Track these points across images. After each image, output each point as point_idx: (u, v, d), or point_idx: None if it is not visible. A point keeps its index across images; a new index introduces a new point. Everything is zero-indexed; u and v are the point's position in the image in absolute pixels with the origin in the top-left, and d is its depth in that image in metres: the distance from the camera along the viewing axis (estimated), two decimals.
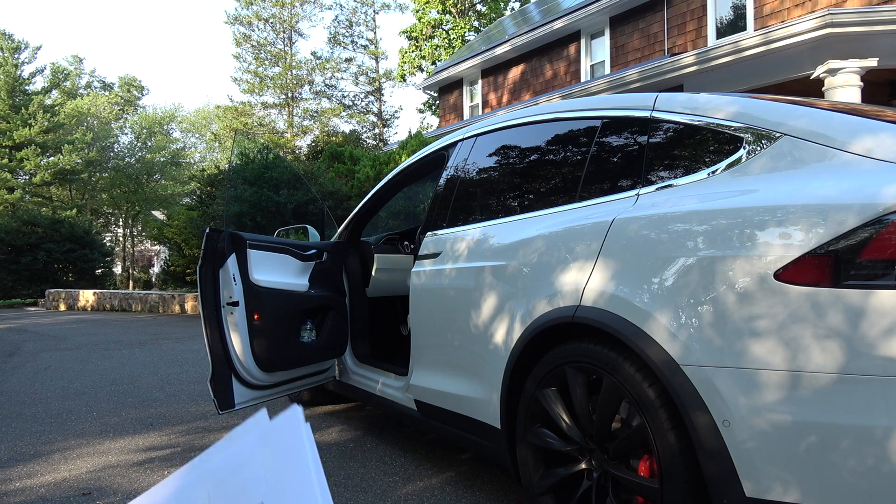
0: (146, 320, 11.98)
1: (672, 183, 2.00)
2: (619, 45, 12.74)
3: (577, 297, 2.02)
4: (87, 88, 36.29)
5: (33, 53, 29.76)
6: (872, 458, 1.38)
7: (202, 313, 3.16)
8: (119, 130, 34.51)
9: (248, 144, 15.78)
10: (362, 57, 33.02)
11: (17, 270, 19.06)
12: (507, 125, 2.85)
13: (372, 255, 3.89)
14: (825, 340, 1.45)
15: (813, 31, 7.84)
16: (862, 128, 1.70)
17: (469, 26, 29.57)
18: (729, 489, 1.57)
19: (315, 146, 23.56)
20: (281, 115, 31.72)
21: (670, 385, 1.69)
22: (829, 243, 1.47)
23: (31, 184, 28.19)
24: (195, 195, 15.74)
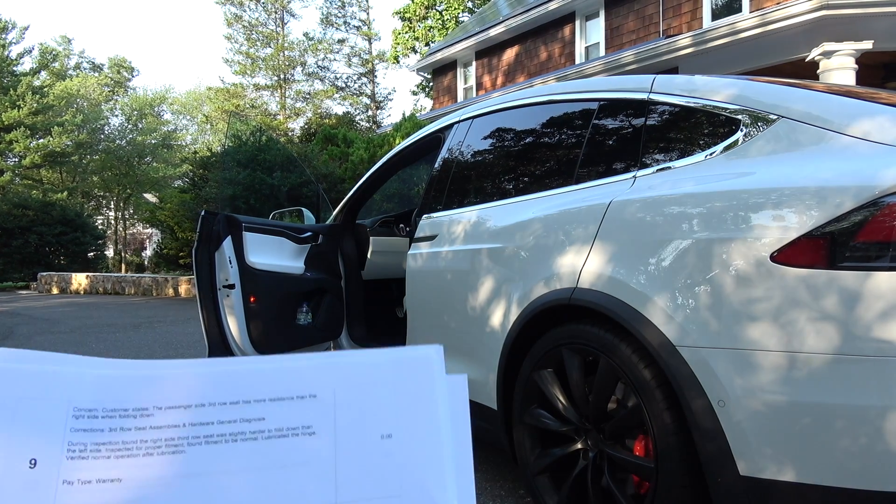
0: (140, 303, 11.96)
1: (669, 165, 2.00)
2: (614, 27, 12.67)
3: (574, 279, 2.03)
4: (77, 69, 35.80)
5: (21, 34, 29.37)
6: (866, 437, 1.41)
7: (198, 296, 3.16)
8: (109, 112, 34.18)
9: (241, 126, 15.66)
10: (355, 38, 32.80)
11: (9, 254, 18.95)
12: (503, 107, 2.84)
13: (368, 237, 3.89)
14: (820, 322, 1.47)
15: (808, 13, 7.81)
16: (859, 110, 1.71)
17: (463, 7, 29.32)
18: (723, 468, 1.60)
19: (308, 128, 23.44)
20: (273, 97, 31.48)
21: (666, 366, 1.71)
22: (826, 225, 1.48)
23: (21, 166, 27.95)
24: (187, 178, 15.64)
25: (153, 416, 0.47)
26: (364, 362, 0.53)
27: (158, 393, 0.48)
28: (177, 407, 0.48)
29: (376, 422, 0.50)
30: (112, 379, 0.48)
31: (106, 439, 0.46)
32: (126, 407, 0.47)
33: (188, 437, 0.47)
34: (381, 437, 0.50)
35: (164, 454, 0.46)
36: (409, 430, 0.51)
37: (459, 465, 0.51)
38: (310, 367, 0.52)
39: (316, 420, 0.50)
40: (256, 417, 0.49)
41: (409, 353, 0.54)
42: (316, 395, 0.50)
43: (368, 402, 0.51)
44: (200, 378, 0.50)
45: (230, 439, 0.48)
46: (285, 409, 0.50)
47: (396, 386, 0.52)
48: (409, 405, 0.51)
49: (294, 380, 0.51)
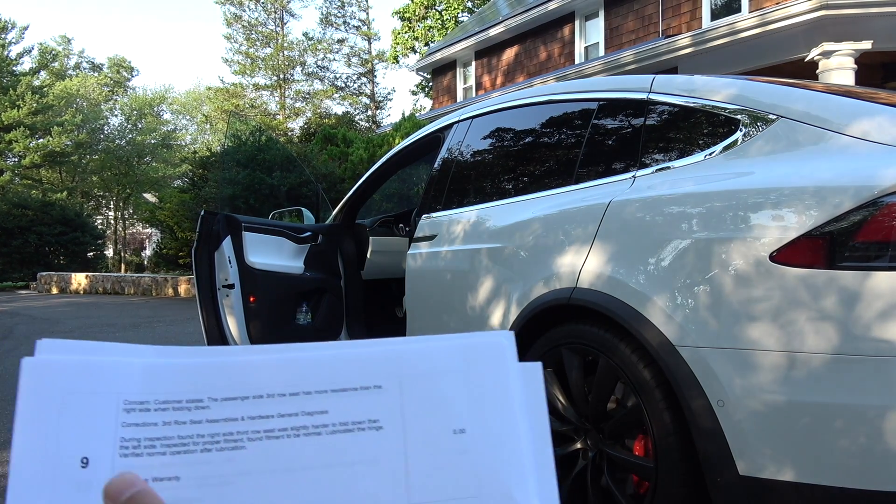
0: (139, 303, 11.96)
1: (668, 165, 2.01)
2: (614, 27, 12.67)
3: (574, 278, 2.04)
4: (76, 69, 35.78)
5: (20, 34, 29.35)
6: (865, 437, 1.41)
7: (197, 296, 3.16)
8: (109, 112, 34.16)
9: (241, 126, 15.66)
10: (355, 38, 32.72)
11: (8, 254, 18.94)
12: (503, 107, 2.84)
13: (367, 237, 3.89)
14: (820, 322, 1.47)
15: (808, 13, 7.81)
16: (858, 110, 1.71)
17: (462, 7, 29.32)
18: (723, 468, 1.60)
19: (308, 128, 23.44)
20: (273, 97, 31.46)
21: (666, 366, 1.71)
22: (825, 225, 1.49)
23: (21, 166, 27.93)
24: (187, 178, 15.65)
25: (209, 408, 0.44)
26: (431, 349, 0.49)
27: (213, 383, 0.45)
28: (234, 398, 0.45)
29: (447, 415, 0.47)
30: (163, 368, 0.45)
31: (160, 434, 0.43)
32: (179, 399, 0.44)
33: (248, 431, 0.44)
34: (453, 432, 0.46)
35: (224, 450, 0.43)
36: (483, 423, 0.47)
37: (538, 460, 0.47)
38: (373, 355, 0.48)
39: (382, 413, 0.46)
40: (319, 410, 0.45)
41: (479, 340, 0.50)
42: (381, 386, 0.47)
43: (437, 393, 0.47)
44: (257, 366, 0.46)
45: (292, 434, 0.44)
46: (349, 401, 0.46)
47: (467, 375, 0.48)
48: (482, 396, 0.47)
49: (356, 369, 0.47)
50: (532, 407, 0.48)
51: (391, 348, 0.48)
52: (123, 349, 0.46)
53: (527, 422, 0.47)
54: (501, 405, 0.47)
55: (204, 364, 0.46)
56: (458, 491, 0.45)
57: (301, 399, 0.45)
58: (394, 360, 0.48)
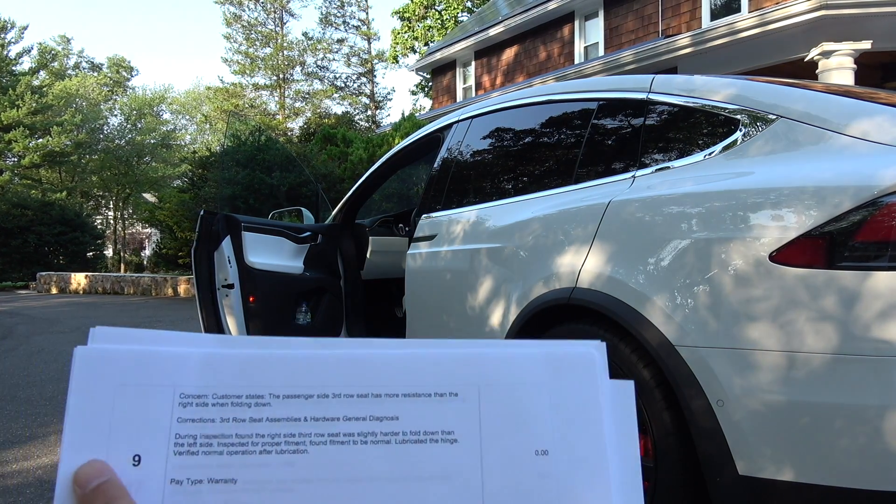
0: (139, 303, 11.96)
1: (668, 165, 2.01)
2: (614, 27, 12.67)
3: (573, 278, 2.04)
4: (76, 69, 35.75)
5: (20, 33, 29.36)
6: (865, 437, 1.41)
7: (197, 296, 3.16)
8: (108, 112, 34.13)
9: (240, 126, 15.65)
10: (354, 38, 32.74)
11: (8, 253, 18.94)
12: (502, 107, 2.84)
13: (367, 237, 3.88)
14: (819, 321, 1.47)
15: (807, 13, 7.81)
16: (857, 110, 1.71)
17: (462, 7, 29.31)
18: (722, 468, 1.60)
19: (307, 128, 23.43)
20: (272, 97, 31.46)
21: (665, 366, 1.71)
22: (825, 225, 1.48)
23: (20, 166, 27.92)
24: (186, 178, 15.64)
25: (270, 405, 0.41)
26: (513, 356, 0.45)
27: (276, 377, 0.42)
28: (297, 396, 0.42)
29: (529, 433, 0.43)
30: (223, 359, 0.42)
31: (217, 431, 0.40)
32: (239, 394, 0.41)
33: (311, 433, 0.41)
34: (535, 453, 0.42)
35: (284, 452, 0.40)
36: (568, 445, 0.43)
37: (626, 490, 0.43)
38: (450, 358, 0.44)
39: (458, 424, 0.42)
40: (389, 416, 0.42)
41: (568, 350, 0.45)
42: (458, 394, 0.43)
43: (520, 407, 0.43)
44: (324, 361, 0.43)
45: (359, 440, 0.41)
46: (422, 407, 0.42)
47: (553, 389, 0.44)
48: (568, 415, 0.43)
49: (432, 372, 0.43)
50: (622, 430, 0.44)
51: (471, 351, 0.45)
52: (181, 338, 0.43)
53: (616, 447, 0.43)
54: (590, 426, 0.43)
55: (267, 356, 0.43)
56: None
57: (370, 402, 0.42)
58: (473, 365, 0.44)
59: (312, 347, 0.43)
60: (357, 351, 0.44)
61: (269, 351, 0.43)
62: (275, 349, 0.43)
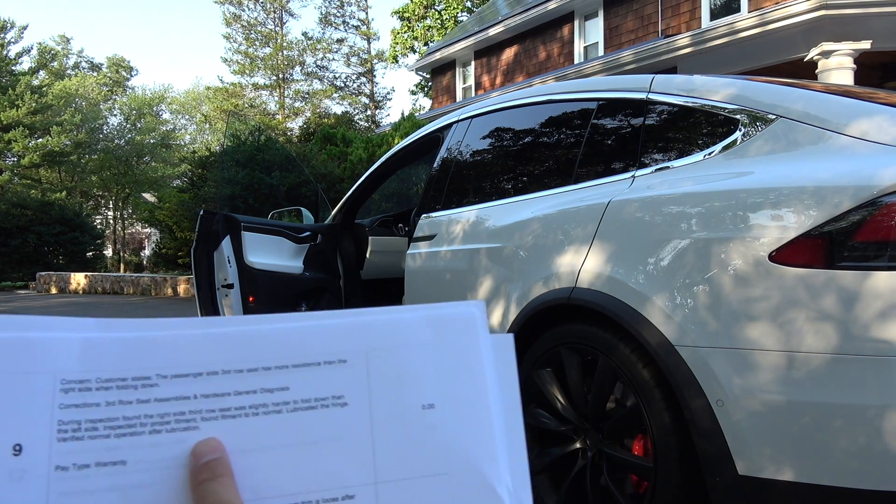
0: (139, 303, 11.96)
1: (668, 165, 2.01)
2: (613, 27, 12.67)
3: (573, 278, 2.04)
4: (75, 69, 35.73)
5: (19, 33, 29.32)
6: (864, 437, 1.41)
7: (197, 296, 3.16)
8: (108, 112, 34.11)
9: (240, 126, 15.65)
10: (354, 37, 32.72)
11: (7, 253, 18.92)
12: (502, 107, 2.84)
13: (366, 237, 3.89)
14: (819, 321, 1.47)
15: (807, 13, 7.82)
16: (857, 110, 1.71)
17: (462, 7, 29.31)
18: (722, 468, 1.60)
19: (307, 128, 23.43)
20: (272, 97, 31.45)
21: (665, 366, 1.71)
22: (824, 225, 1.49)
23: (20, 166, 27.90)
24: (186, 177, 15.63)
25: (158, 386, 0.41)
26: (398, 321, 0.46)
27: (162, 358, 0.42)
28: (185, 375, 0.42)
29: (415, 390, 0.45)
30: (105, 343, 0.42)
31: (103, 415, 0.40)
32: (124, 376, 0.41)
33: (201, 410, 0.42)
34: (421, 408, 0.45)
35: (175, 431, 0.41)
36: (453, 398, 0.45)
37: (510, 436, 0.46)
38: (337, 327, 0.45)
39: (347, 389, 0.44)
40: (279, 387, 0.43)
41: (449, 311, 0.47)
42: (346, 361, 0.44)
43: (405, 367, 0.45)
44: (211, 340, 0.43)
45: (250, 412, 0.42)
46: (312, 376, 0.44)
47: (437, 348, 0.46)
48: (451, 370, 0.46)
49: (320, 342, 0.45)
50: (504, 381, 0.47)
51: (357, 319, 0.46)
52: (61, 323, 0.42)
53: (498, 396, 0.46)
54: (472, 379, 0.46)
55: (152, 338, 0.43)
56: (427, 468, 0.43)
57: (260, 375, 0.43)
58: (360, 332, 0.45)
59: (200, 327, 0.44)
60: (245, 327, 0.44)
61: (155, 333, 0.43)
62: (160, 331, 0.43)
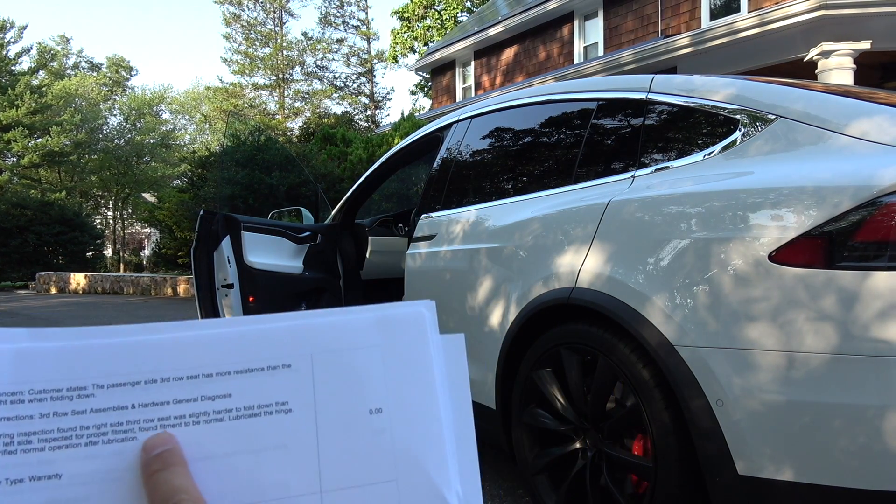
0: (138, 303, 11.95)
1: (668, 165, 2.01)
2: (613, 27, 12.67)
3: (573, 278, 2.04)
4: (75, 69, 35.72)
5: (19, 33, 29.32)
6: (864, 437, 1.41)
7: (196, 295, 3.16)
8: (108, 112, 34.10)
9: (240, 126, 15.65)
10: (354, 37, 32.72)
11: (7, 253, 18.92)
12: (502, 107, 2.84)
13: (366, 237, 3.89)
14: (818, 321, 1.47)
15: (806, 13, 7.82)
16: (857, 110, 1.71)
17: (461, 7, 29.31)
18: (722, 468, 1.60)
19: (307, 128, 23.42)
20: (272, 97, 31.44)
21: (665, 366, 1.71)
22: (824, 225, 1.49)
23: (19, 166, 27.89)
24: (186, 177, 15.63)
25: (94, 396, 0.40)
26: (344, 323, 0.45)
27: (98, 367, 0.41)
28: (122, 384, 0.40)
29: (362, 394, 0.43)
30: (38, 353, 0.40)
31: (37, 428, 0.39)
32: (59, 387, 0.40)
33: (139, 420, 0.40)
34: (369, 412, 0.43)
35: (112, 442, 0.40)
36: (401, 402, 0.44)
37: (461, 440, 0.44)
38: (281, 331, 0.44)
39: (292, 394, 0.43)
40: (220, 394, 0.42)
41: (397, 311, 0.46)
42: (290, 365, 0.43)
43: (352, 370, 0.44)
44: (149, 347, 0.42)
45: (190, 422, 0.41)
46: (255, 382, 0.42)
47: (385, 350, 0.45)
48: (400, 373, 0.44)
49: (263, 347, 0.43)
50: (454, 383, 0.46)
51: (302, 322, 0.45)
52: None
53: (448, 399, 0.45)
54: (421, 381, 0.44)
55: (87, 346, 0.41)
56: (374, 475, 0.42)
57: (200, 382, 0.42)
58: (304, 335, 0.44)
59: (138, 334, 0.42)
60: (185, 333, 0.43)
61: (90, 341, 0.42)
62: (96, 339, 0.42)
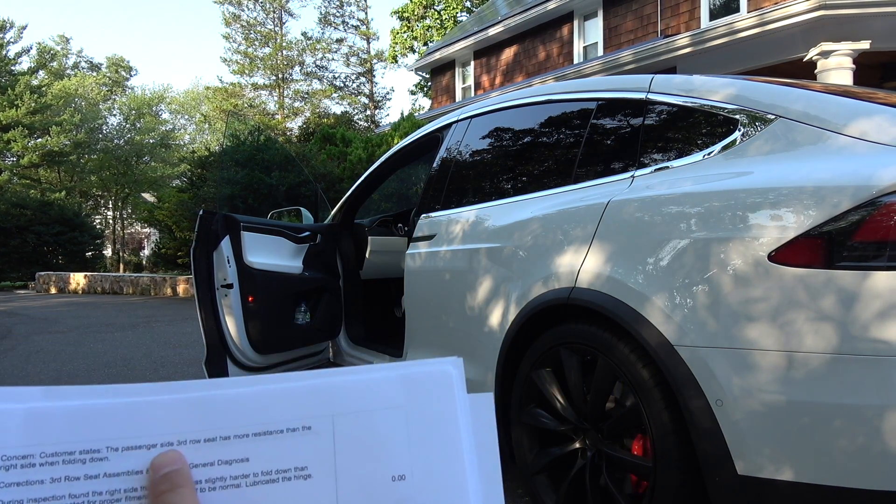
0: (138, 303, 11.95)
1: (667, 165, 2.01)
2: (613, 27, 12.67)
3: (573, 278, 2.04)
4: (74, 69, 35.71)
5: (19, 33, 29.31)
6: (864, 436, 1.41)
7: (196, 295, 3.16)
8: (107, 112, 34.08)
9: (239, 126, 15.65)
10: (353, 37, 32.73)
11: (7, 253, 18.91)
12: (502, 107, 2.84)
13: (366, 237, 3.88)
14: (818, 321, 1.47)
15: (806, 13, 7.82)
16: (856, 110, 1.71)
17: (461, 7, 29.31)
18: (721, 467, 1.60)
19: (306, 128, 23.43)
20: (271, 97, 31.45)
21: (664, 366, 1.71)
22: (823, 225, 1.49)
23: (19, 166, 27.88)
24: (186, 177, 15.64)
25: (108, 459, 0.39)
26: (367, 382, 0.43)
27: (112, 429, 0.39)
28: (138, 447, 0.39)
29: (386, 459, 0.42)
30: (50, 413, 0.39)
31: (48, 493, 0.37)
32: (71, 450, 0.38)
33: None
34: (392, 479, 0.41)
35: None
36: (426, 468, 0.42)
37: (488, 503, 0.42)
38: (301, 391, 0.42)
39: (312, 459, 0.41)
40: (238, 458, 0.40)
41: (422, 370, 0.44)
42: (311, 427, 0.41)
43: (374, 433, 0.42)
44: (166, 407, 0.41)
45: (206, 487, 0.39)
46: (273, 445, 0.41)
47: (409, 411, 0.43)
48: (425, 436, 0.42)
49: (283, 407, 0.42)
50: (482, 446, 0.43)
51: (322, 381, 0.43)
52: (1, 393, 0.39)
53: (476, 463, 0.43)
54: (447, 446, 0.42)
55: (102, 406, 0.40)
56: None
57: (218, 445, 0.40)
58: (325, 395, 0.42)
59: (153, 394, 0.41)
60: (202, 393, 0.42)
61: (104, 400, 0.40)
62: (111, 398, 0.40)
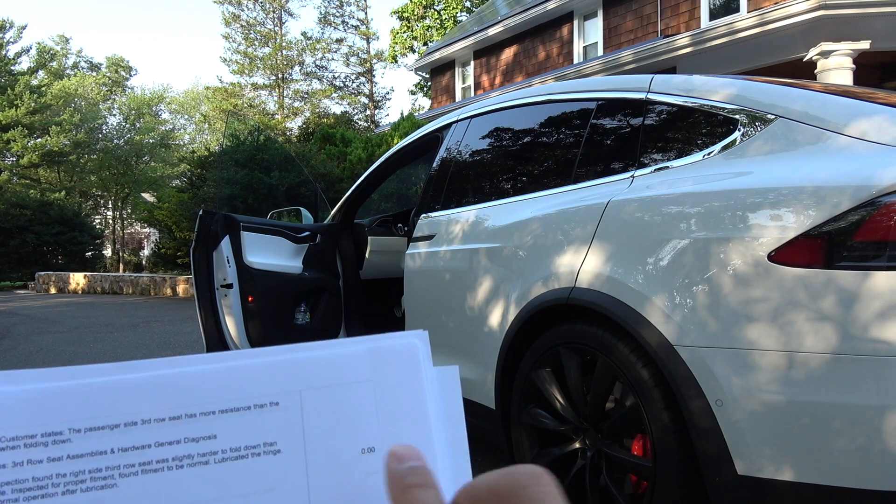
0: (138, 303, 11.95)
1: (667, 165, 2.01)
2: (613, 27, 12.67)
3: (572, 278, 2.04)
4: (74, 69, 35.70)
5: (18, 33, 29.30)
6: (863, 437, 1.41)
7: (196, 295, 3.16)
8: (107, 112, 34.07)
9: (239, 126, 15.66)
10: (353, 37, 32.71)
11: (6, 253, 18.92)
12: (501, 107, 2.84)
13: (366, 237, 3.88)
14: (818, 321, 1.47)
15: (806, 13, 7.82)
16: (856, 110, 1.71)
17: (461, 7, 29.31)
18: (721, 467, 1.60)
19: (306, 128, 23.44)
20: (271, 97, 31.44)
21: (664, 366, 1.71)
22: (823, 225, 1.49)
23: (19, 165, 27.89)
24: (185, 177, 15.64)
25: (70, 441, 0.38)
26: (334, 357, 0.43)
27: (74, 410, 0.38)
28: (101, 428, 0.38)
29: (354, 432, 0.42)
30: (9, 397, 0.38)
31: (10, 477, 0.36)
32: (32, 433, 0.38)
33: (119, 465, 0.38)
34: (360, 452, 0.42)
35: (91, 490, 0.37)
36: (394, 439, 0.42)
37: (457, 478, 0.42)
38: (268, 366, 0.42)
39: (280, 434, 0.41)
40: (205, 435, 0.40)
41: (388, 343, 0.44)
42: (278, 403, 0.41)
43: (343, 407, 0.42)
44: (128, 387, 0.40)
45: (174, 465, 0.39)
46: (241, 422, 0.40)
47: (377, 384, 0.43)
48: (392, 409, 0.43)
49: (249, 383, 0.41)
50: (450, 417, 0.44)
51: (289, 356, 0.43)
52: None
53: (444, 435, 0.43)
54: (415, 417, 0.43)
55: (61, 389, 0.39)
56: None
57: (183, 423, 0.40)
58: (292, 370, 0.42)
59: (115, 373, 0.40)
60: (165, 371, 0.41)
61: (64, 382, 0.39)
62: (70, 380, 0.40)
